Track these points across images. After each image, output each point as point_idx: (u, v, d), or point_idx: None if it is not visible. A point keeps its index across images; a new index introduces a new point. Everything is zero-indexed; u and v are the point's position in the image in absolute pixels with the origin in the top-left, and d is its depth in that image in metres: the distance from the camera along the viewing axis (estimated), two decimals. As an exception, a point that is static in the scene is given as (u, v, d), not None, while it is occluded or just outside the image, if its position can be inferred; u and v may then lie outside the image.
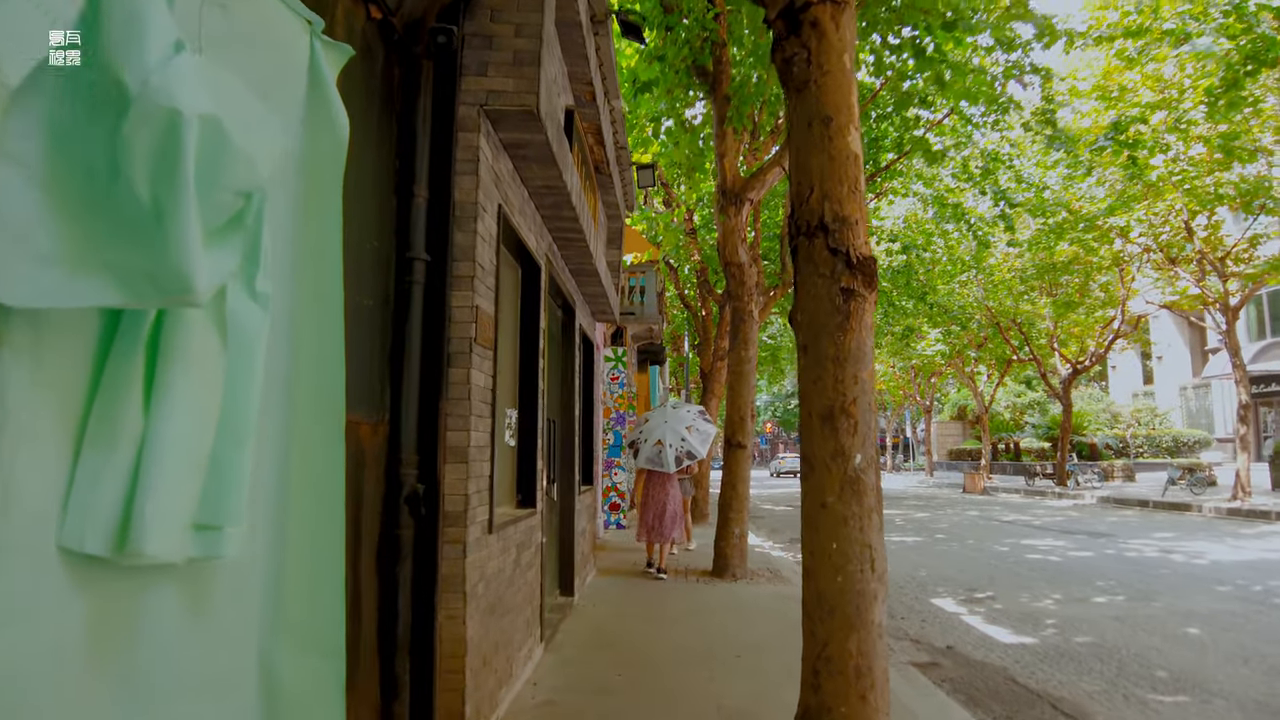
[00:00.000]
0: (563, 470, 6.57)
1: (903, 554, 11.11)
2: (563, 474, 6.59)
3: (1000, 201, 18.87)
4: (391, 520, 3.01)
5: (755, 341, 8.32)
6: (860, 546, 2.69)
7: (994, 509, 20.15)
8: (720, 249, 8.46)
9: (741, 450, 8.20)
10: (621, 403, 13.46)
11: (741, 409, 8.21)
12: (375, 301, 3.02)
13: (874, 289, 2.83)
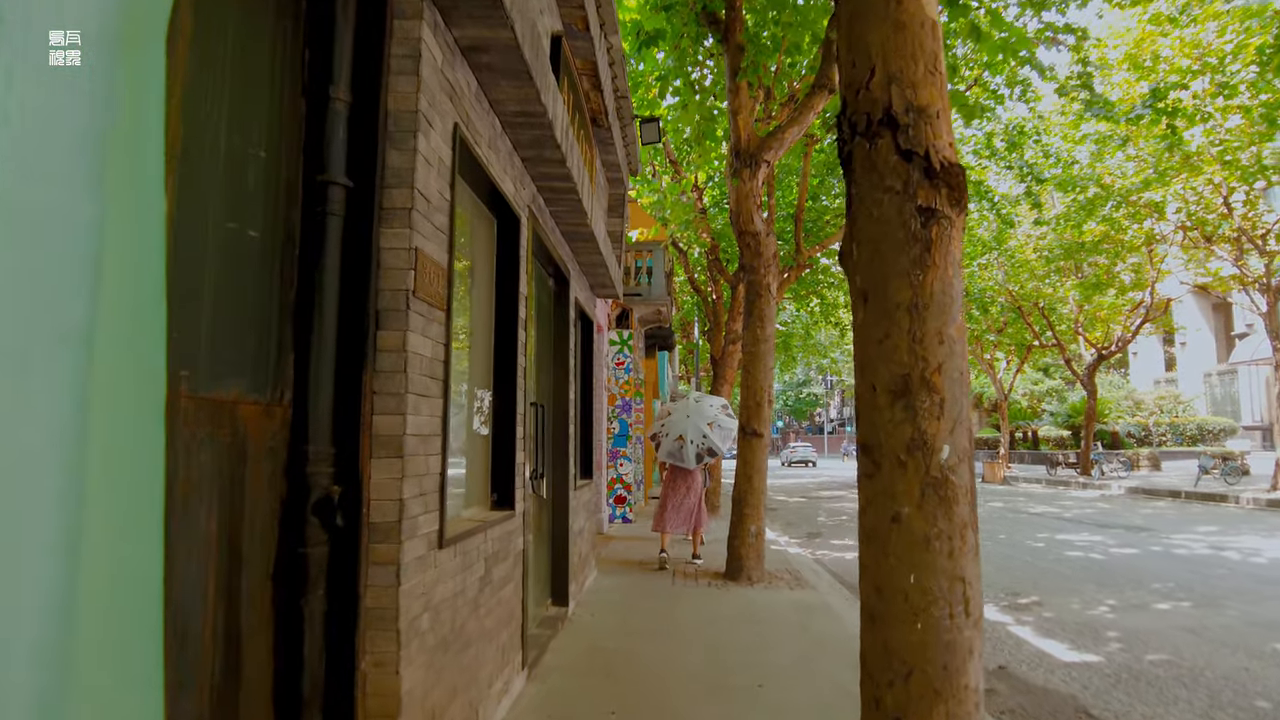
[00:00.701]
0: (555, 462, 5.76)
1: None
2: (555, 466, 5.78)
3: (1027, 177, 17.94)
4: (294, 535, 2.20)
5: (773, 320, 7.48)
6: (950, 579, 1.85)
7: (1018, 500, 19.26)
8: (733, 217, 7.61)
9: (758, 440, 7.37)
10: (628, 389, 12.65)
11: (758, 394, 7.37)
12: (269, 236, 2.20)
13: (963, 208, 1.99)
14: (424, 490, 2.55)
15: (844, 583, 7.99)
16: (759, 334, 7.44)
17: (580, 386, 7.31)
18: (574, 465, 6.14)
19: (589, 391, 7.40)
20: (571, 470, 5.97)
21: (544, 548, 5.50)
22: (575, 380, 6.24)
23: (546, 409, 5.40)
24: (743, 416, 7.45)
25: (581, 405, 7.32)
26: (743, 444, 7.43)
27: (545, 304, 5.79)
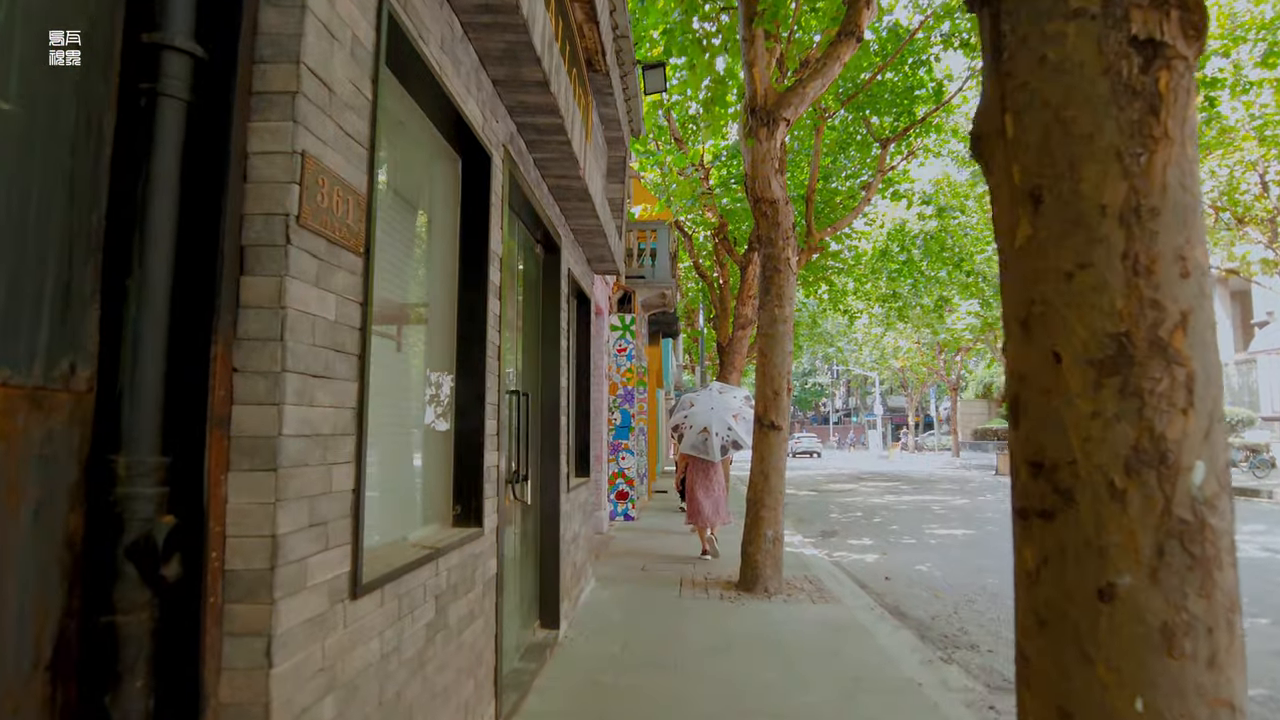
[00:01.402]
0: (545, 460, 4.93)
1: (957, 552, 9.46)
2: (545, 465, 4.95)
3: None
4: (94, 597, 1.38)
5: (793, 298, 6.63)
6: (1210, 706, 1.02)
7: (1038, 494, 18.41)
8: (749, 183, 6.76)
9: (775, 433, 6.54)
10: (630, 377, 11.81)
11: (775, 382, 6.53)
12: (59, 123, 1.37)
13: (1203, 40, 1.13)
14: (320, 518, 1.72)
15: (869, 590, 7.19)
16: (776, 314, 6.59)
17: (576, 373, 6.48)
18: (567, 463, 5.31)
19: (585, 379, 6.57)
20: (564, 469, 5.14)
21: (530, 562, 4.68)
22: (569, 365, 5.41)
23: (532, 399, 4.57)
24: (759, 407, 6.62)
25: (578, 394, 6.50)
26: (759, 438, 6.60)
27: (532, 275, 4.96)
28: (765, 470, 6.49)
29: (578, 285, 5.99)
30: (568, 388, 5.35)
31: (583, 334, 6.57)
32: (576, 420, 6.46)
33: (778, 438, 6.52)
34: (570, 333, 6.17)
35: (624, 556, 8.45)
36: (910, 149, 19.90)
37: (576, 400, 6.48)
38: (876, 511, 14.56)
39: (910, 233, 22.47)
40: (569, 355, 5.44)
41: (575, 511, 5.77)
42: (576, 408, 6.48)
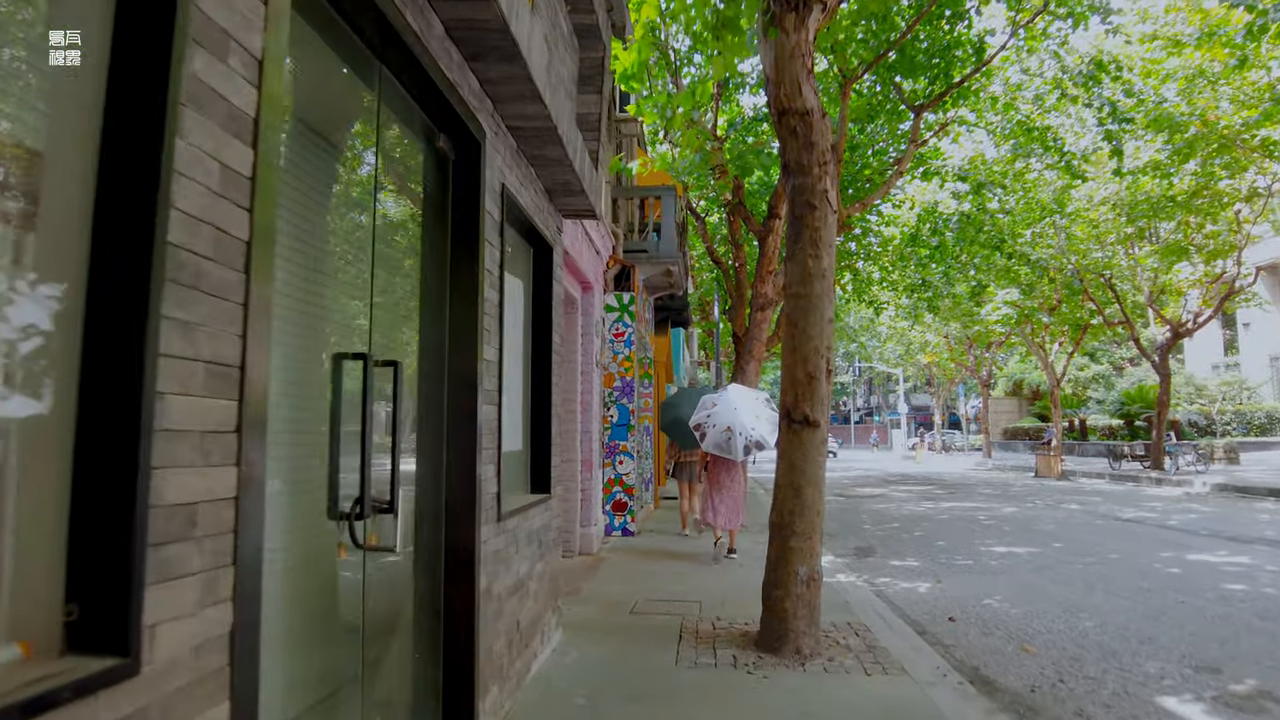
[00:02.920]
0: (451, 476, 3.13)
1: (1028, 578, 7.58)
2: (451, 486, 3.15)
3: (1110, 118, 15.08)
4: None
5: (832, 245, 4.81)
6: None
7: (1092, 500, 16.45)
8: (770, 93, 4.94)
9: (810, 431, 4.68)
10: (628, 367, 10.01)
11: (809, 360, 4.69)
12: None
13: None
14: None
15: (932, 640, 5.36)
16: (811, 267, 4.76)
17: (532, 350, 4.69)
18: (499, 478, 3.52)
19: (546, 360, 4.74)
20: (488, 487, 3.35)
21: (402, 646, 2.89)
22: (504, 332, 3.60)
23: (405, 373, 2.80)
24: (787, 397, 4.78)
25: (535, 379, 4.70)
26: (787, 439, 4.76)
27: (431, 188, 3.17)
28: (796, 482, 4.67)
29: (525, 219, 4.19)
30: (499, 365, 3.56)
31: (540, 295, 4.76)
32: (534, 416, 4.67)
33: (813, 438, 4.68)
34: (517, 290, 4.39)
35: (613, 587, 6.66)
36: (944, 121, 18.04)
37: (535, 388, 4.68)
38: (916, 522, 12.67)
39: (943, 214, 20.56)
40: (503, 317, 3.65)
41: (523, 547, 3.98)
42: (534, 398, 4.68)
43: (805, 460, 4.66)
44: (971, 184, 18.45)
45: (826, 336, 4.74)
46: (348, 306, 2.48)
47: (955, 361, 38.47)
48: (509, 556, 3.68)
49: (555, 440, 4.77)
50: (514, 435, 4.31)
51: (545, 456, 4.61)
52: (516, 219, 4.11)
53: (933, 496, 17.81)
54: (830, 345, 4.76)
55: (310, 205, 2.27)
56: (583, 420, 8.48)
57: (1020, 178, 20.48)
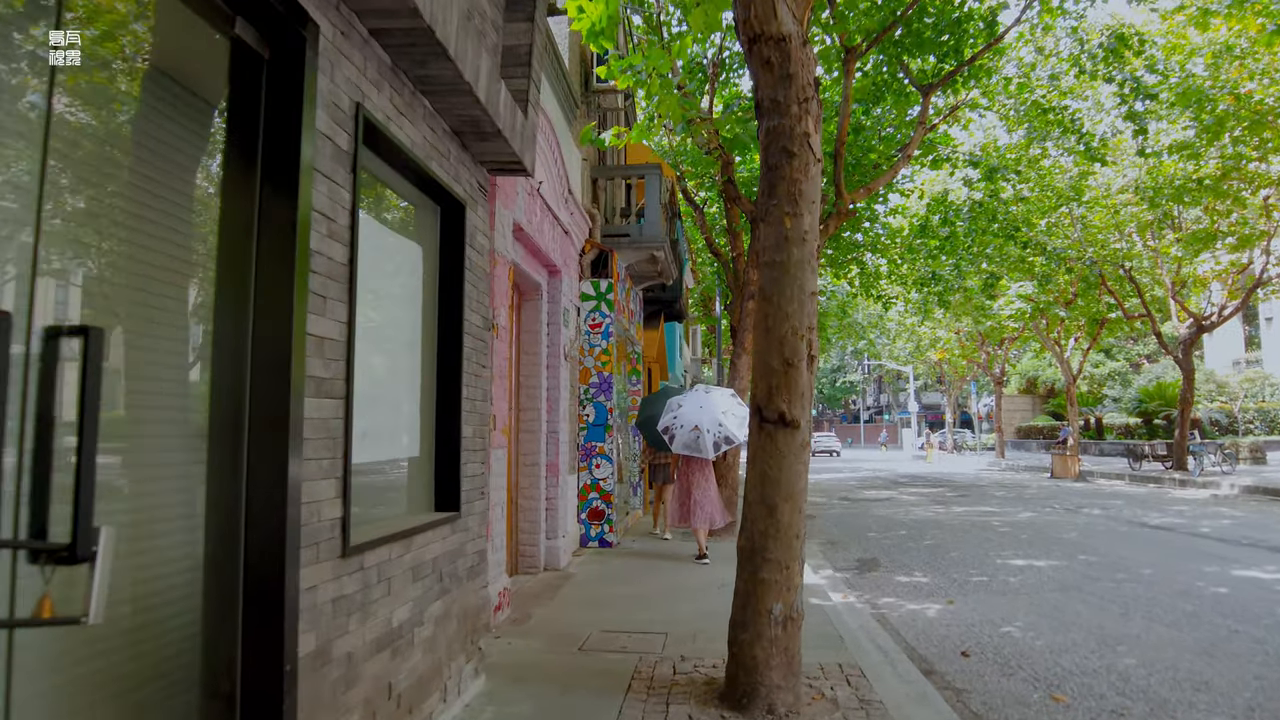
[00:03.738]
0: (262, 497, 2.20)
1: (1053, 598, 6.59)
2: (261, 508, 2.22)
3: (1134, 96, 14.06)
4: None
5: (816, 203, 3.86)
6: None
7: (1113, 503, 15.40)
8: (739, 17, 3.99)
9: (786, 432, 3.71)
10: (606, 361, 9.08)
11: (785, 343, 3.72)
12: None
13: None
14: None
15: (942, 682, 4.41)
16: (788, 228, 3.81)
17: (439, 336, 3.75)
18: (341, 503, 2.58)
19: (453, 346, 3.77)
20: (323, 515, 2.43)
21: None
22: (345, 304, 2.64)
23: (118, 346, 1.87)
24: (758, 389, 3.81)
25: (443, 370, 3.75)
26: (759, 441, 3.79)
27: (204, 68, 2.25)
28: (769, 497, 3.70)
29: (414, 164, 3.25)
30: (348, 345, 2.62)
31: (453, 265, 3.80)
32: (440, 414, 3.73)
33: (791, 441, 3.72)
34: (411, 255, 3.46)
35: (570, 613, 5.72)
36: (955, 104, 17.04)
37: (442, 380, 3.74)
38: (925, 529, 11.67)
39: (953, 204, 19.54)
40: (355, 279, 2.70)
41: (403, 586, 3.05)
42: (441, 392, 3.74)
43: (781, 469, 3.70)
44: (984, 170, 17.41)
45: (808, 314, 3.78)
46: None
47: (967, 358, 37.33)
48: (369, 601, 2.75)
49: (469, 445, 3.83)
50: (397, 439, 3.37)
51: (453, 465, 3.67)
52: (399, 161, 3.17)
53: (943, 500, 16.79)
54: (813, 325, 3.81)
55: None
56: (548, 419, 7.55)
57: (1035, 164, 19.43)
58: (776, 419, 3.72)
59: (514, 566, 7.22)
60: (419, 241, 3.60)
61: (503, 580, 5.52)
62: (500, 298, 5.53)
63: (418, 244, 3.59)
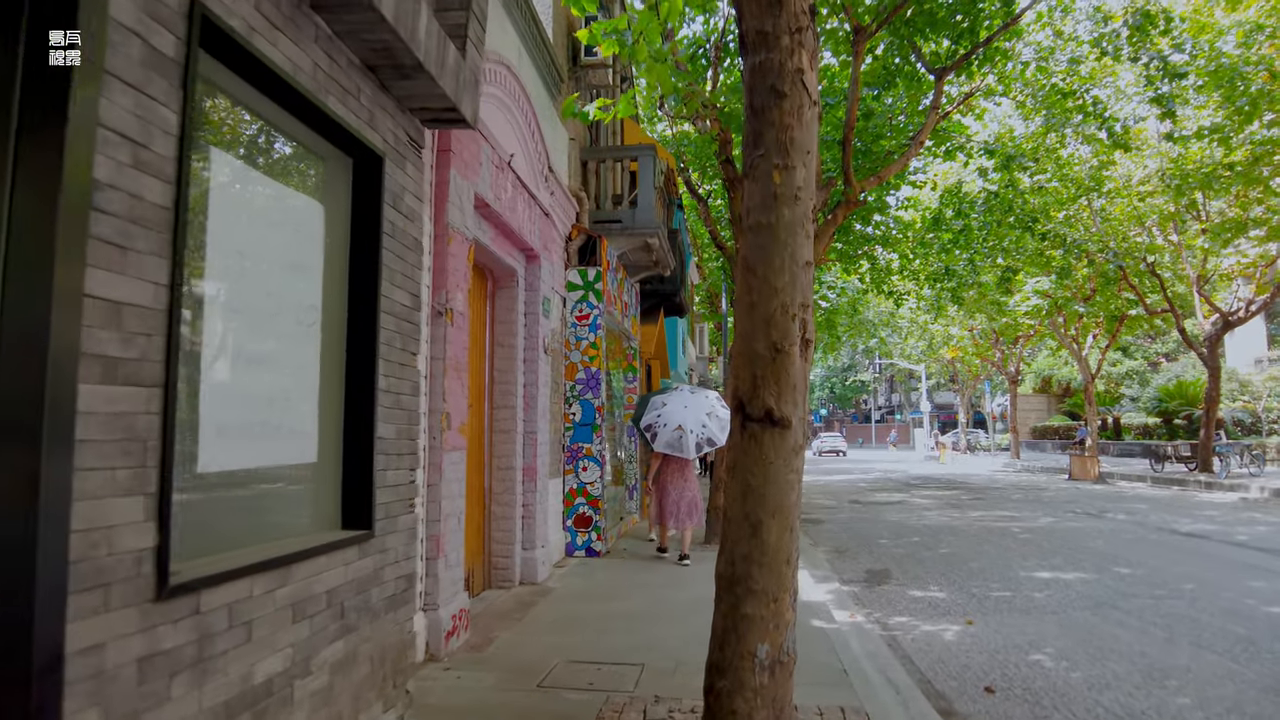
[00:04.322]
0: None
1: (1084, 617, 5.85)
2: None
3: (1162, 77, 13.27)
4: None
5: (812, 153, 3.17)
6: None
7: (1137, 507, 14.61)
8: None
9: (776, 434, 3.00)
10: (594, 355, 8.42)
11: (771, 324, 3.02)
12: None
13: None
14: None
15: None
16: (778, 183, 3.11)
17: (349, 315, 3.07)
18: (157, 530, 1.90)
19: (367, 327, 3.08)
20: (117, 544, 1.76)
21: None
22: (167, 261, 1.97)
23: None
24: (740, 381, 3.11)
25: (353, 357, 3.08)
26: (742, 445, 3.09)
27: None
28: (754, 514, 3.00)
29: (306, 98, 2.57)
30: (170, 316, 1.95)
31: (369, 230, 3.12)
32: (349, 410, 3.05)
33: (780, 445, 3.02)
34: (308, 214, 2.80)
35: (538, 637, 5.03)
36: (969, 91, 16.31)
37: (352, 368, 3.07)
38: (940, 536, 10.94)
39: (967, 196, 18.75)
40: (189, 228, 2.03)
41: (279, 629, 2.39)
42: (351, 384, 3.06)
43: (767, 479, 3.01)
44: (999, 158, 16.61)
45: (801, 288, 3.09)
46: None
47: (981, 356, 36.43)
48: (211, 655, 2.08)
49: (388, 447, 3.15)
50: (282, 441, 2.70)
51: (364, 473, 2.99)
52: (282, 93, 2.50)
53: (958, 503, 16.02)
54: (807, 302, 3.11)
55: None
56: (525, 418, 6.88)
57: (1053, 154, 18.60)
58: (763, 417, 3.03)
59: (486, 581, 6.56)
60: (321, 199, 2.93)
61: (459, 601, 4.85)
62: (456, 279, 4.86)
63: (319, 202, 2.92)
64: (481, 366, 6.64)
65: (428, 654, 4.46)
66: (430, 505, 4.59)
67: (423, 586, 4.53)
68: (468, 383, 5.10)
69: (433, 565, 4.56)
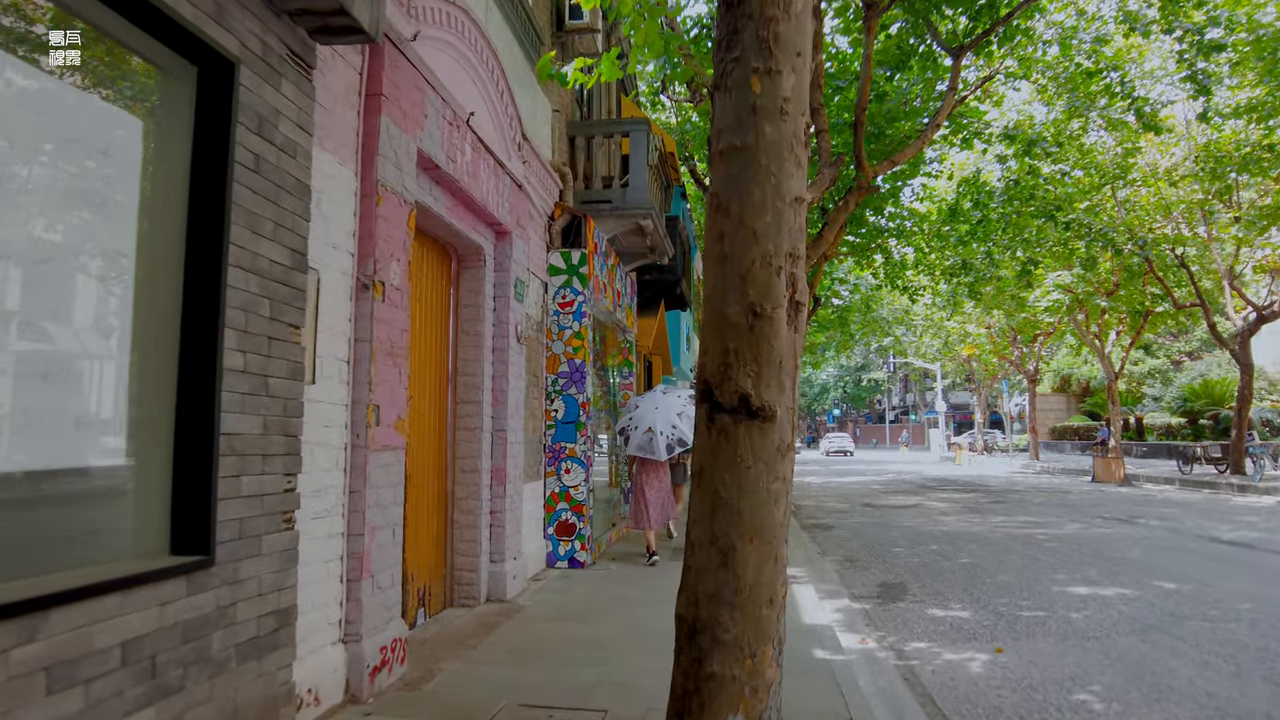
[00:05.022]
0: None
1: (1131, 644, 5.02)
2: None
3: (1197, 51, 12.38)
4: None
5: (805, 56, 2.41)
6: None
7: (1169, 512, 13.69)
8: None
9: (752, 428, 2.24)
10: (578, 346, 7.66)
11: (748, 280, 2.25)
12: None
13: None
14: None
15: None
16: (757, 92, 2.32)
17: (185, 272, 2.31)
18: None
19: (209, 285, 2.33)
20: None
21: None
22: None
23: None
24: (708, 357, 2.33)
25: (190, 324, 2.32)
26: (710, 441, 2.31)
27: None
28: (723, 536, 2.22)
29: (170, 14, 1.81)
30: None
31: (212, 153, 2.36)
32: (183, 395, 2.29)
33: (759, 442, 2.22)
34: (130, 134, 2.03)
35: (490, 669, 4.26)
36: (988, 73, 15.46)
37: (187, 339, 2.30)
38: (960, 544, 10.09)
39: (986, 185, 17.86)
40: None
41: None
42: (186, 359, 2.30)
43: (742, 490, 2.22)
44: (1020, 142, 15.69)
45: (790, 233, 2.30)
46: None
47: (998, 355, 35.39)
48: None
49: (245, 446, 2.39)
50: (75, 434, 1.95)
51: (201, 480, 2.23)
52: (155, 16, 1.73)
53: (978, 507, 15.13)
54: (799, 253, 2.32)
55: None
56: (493, 414, 6.12)
57: (1075, 141, 17.67)
58: (736, 406, 2.24)
59: (448, 598, 5.80)
60: (146, 115, 2.16)
61: (392, 630, 4.08)
62: (390, 247, 4.10)
63: (134, 116, 2.15)
64: (444, 356, 5.89)
65: (347, 695, 3.70)
66: (352, 516, 3.83)
67: (342, 614, 3.78)
68: (407, 371, 4.33)
69: (355, 589, 3.80)
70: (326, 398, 3.65)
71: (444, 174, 4.98)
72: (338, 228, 3.78)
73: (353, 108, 3.94)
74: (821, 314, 25.77)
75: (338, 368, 3.78)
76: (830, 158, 9.65)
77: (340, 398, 3.78)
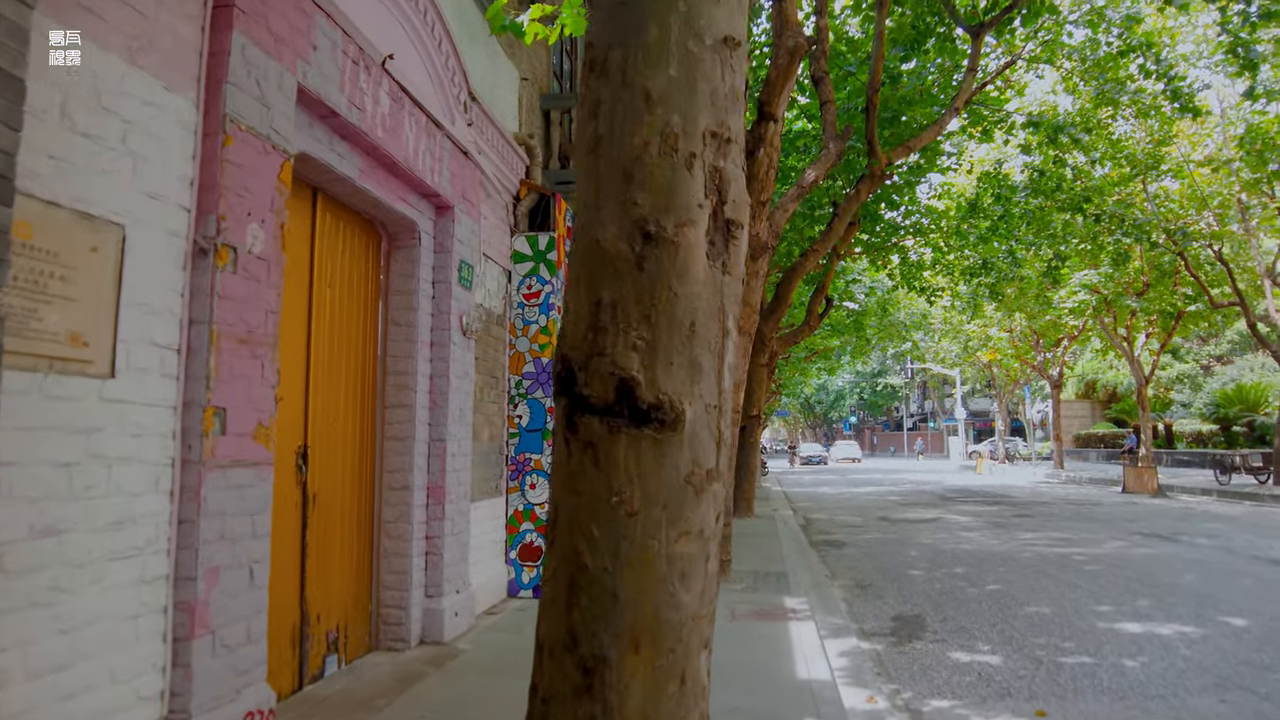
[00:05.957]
0: None
1: (1207, 707, 4.04)
2: None
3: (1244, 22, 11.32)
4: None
5: None
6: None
7: (1214, 528, 12.52)
8: None
9: (638, 441, 1.29)
10: (546, 344, 6.69)
11: (631, 168, 1.30)
12: None
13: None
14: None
15: None
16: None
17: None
18: None
19: None
20: None
21: None
22: None
23: None
24: (571, 317, 1.37)
25: None
26: (567, 463, 1.35)
27: None
28: (587, 641, 1.25)
29: None
30: None
31: None
32: None
33: (647, 466, 1.26)
34: None
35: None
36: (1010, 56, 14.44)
37: None
38: (985, 566, 9.00)
39: (1008, 178, 16.78)
40: None
41: None
42: None
43: (618, 553, 1.23)
44: (1046, 129, 14.57)
45: (713, 99, 1.31)
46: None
47: (1020, 359, 34.08)
48: None
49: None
50: None
51: None
52: None
53: (1003, 522, 13.99)
54: (730, 134, 1.34)
55: None
56: (430, 420, 5.15)
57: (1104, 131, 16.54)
58: (613, 401, 1.25)
59: (372, 641, 4.83)
60: None
61: (248, 700, 3.12)
62: (252, 204, 3.16)
63: None
64: (368, 351, 4.94)
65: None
66: (182, 554, 2.88)
67: (165, 684, 2.82)
68: (275, 365, 3.37)
69: (184, 650, 2.84)
70: (135, 396, 2.72)
71: (348, 125, 4.03)
72: (161, 171, 2.85)
73: (192, 19, 3.01)
74: (836, 316, 24.62)
75: (158, 357, 2.84)
76: (836, 130, 8.67)
77: (161, 397, 2.83)
